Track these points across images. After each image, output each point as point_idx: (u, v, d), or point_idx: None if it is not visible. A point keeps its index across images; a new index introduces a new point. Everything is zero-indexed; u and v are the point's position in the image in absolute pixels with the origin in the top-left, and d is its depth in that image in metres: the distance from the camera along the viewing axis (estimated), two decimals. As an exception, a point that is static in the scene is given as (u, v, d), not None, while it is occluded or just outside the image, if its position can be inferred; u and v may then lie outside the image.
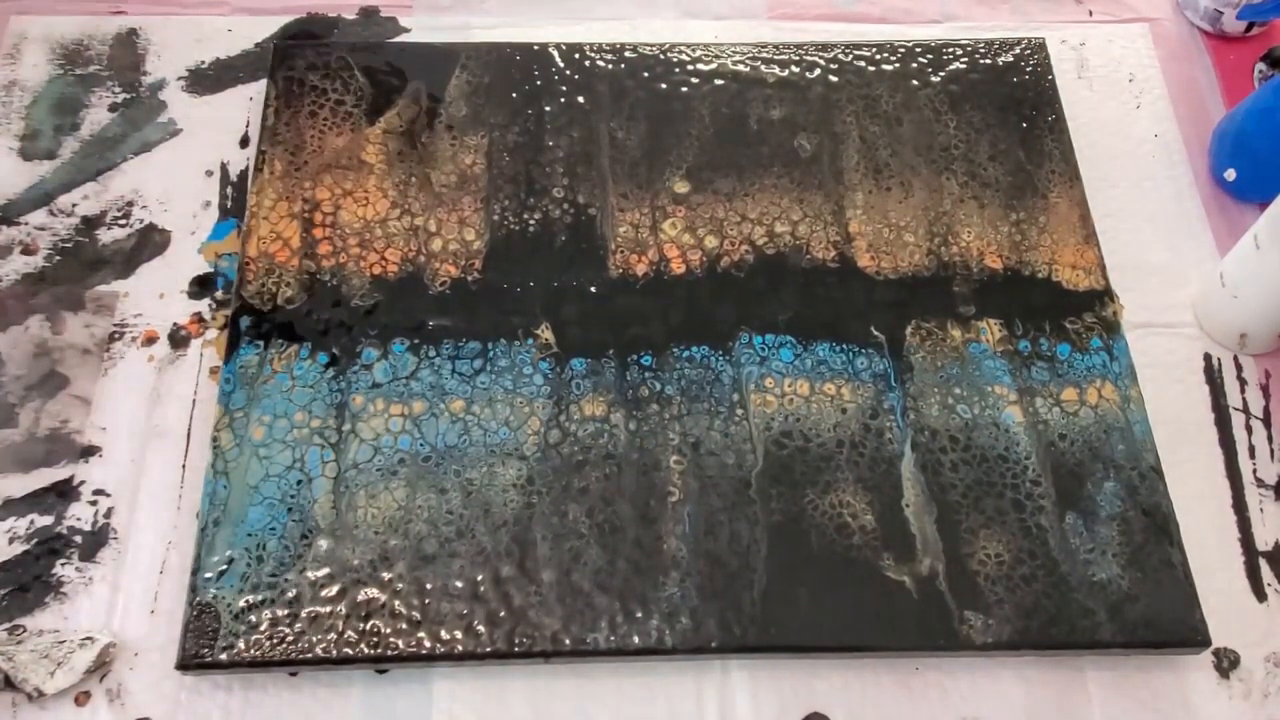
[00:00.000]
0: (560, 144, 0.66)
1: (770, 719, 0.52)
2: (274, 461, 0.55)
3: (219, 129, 0.68)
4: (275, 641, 0.51)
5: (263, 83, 0.69)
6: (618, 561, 0.54)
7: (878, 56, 0.71)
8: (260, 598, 0.52)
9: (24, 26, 0.71)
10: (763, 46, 0.71)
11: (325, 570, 0.53)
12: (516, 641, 0.52)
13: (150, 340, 0.61)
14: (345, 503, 0.55)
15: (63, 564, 0.55)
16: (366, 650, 0.51)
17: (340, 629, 0.51)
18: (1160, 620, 0.53)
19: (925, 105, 0.69)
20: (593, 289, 0.62)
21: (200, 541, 0.53)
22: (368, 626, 0.52)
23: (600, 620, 0.52)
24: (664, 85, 0.69)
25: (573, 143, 0.67)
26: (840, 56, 0.71)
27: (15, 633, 0.52)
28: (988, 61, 0.71)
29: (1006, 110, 0.69)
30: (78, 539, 0.55)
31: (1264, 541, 0.58)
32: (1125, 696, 0.54)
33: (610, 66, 0.70)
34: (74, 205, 0.65)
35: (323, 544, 0.53)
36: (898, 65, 0.71)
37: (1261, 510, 0.59)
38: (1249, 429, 0.61)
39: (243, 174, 0.67)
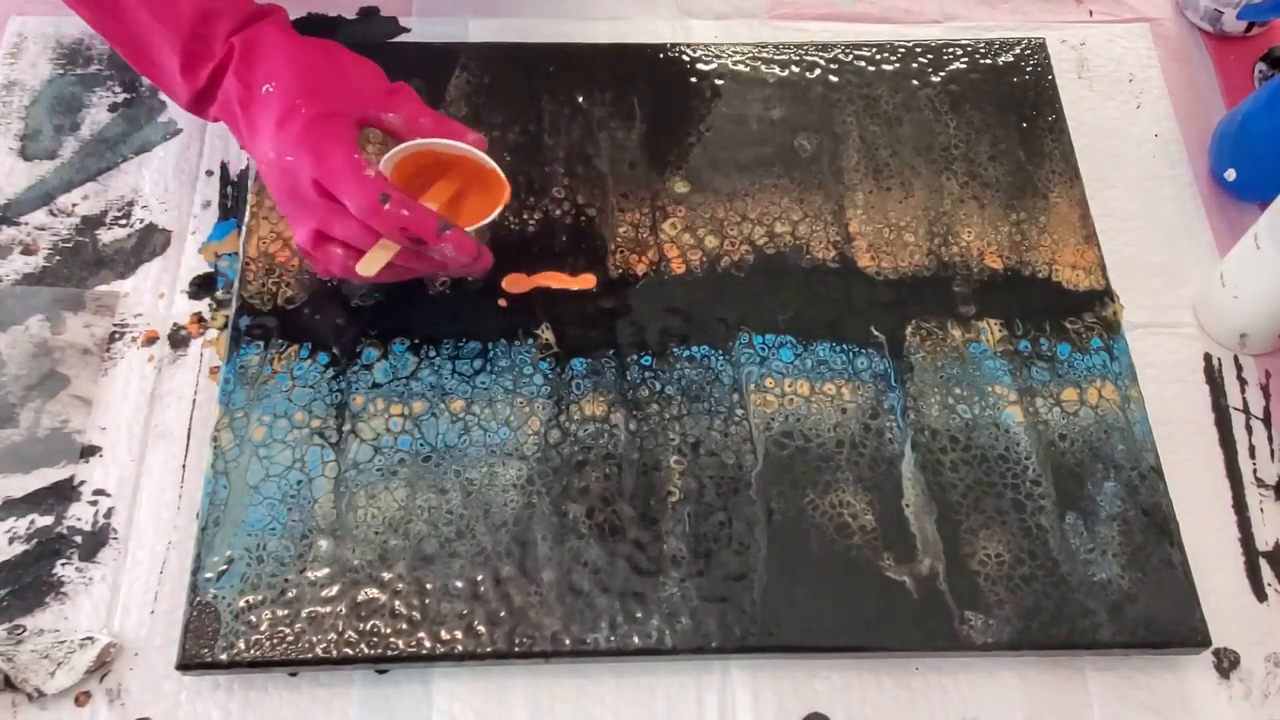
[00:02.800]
0: (560, 144, 0.66)
1: (770, 719, 0.52)
2: (274, 461, 0.55)
3: (219, 129, 0.68)
4: (275, 641, 0.51)
5: (263, 83, 0.68)
6: (618, 561, 0.54)
7: (878, 56, 0.71)
8: (260, 598, 0.52)
9: (24, 26, 0.71)
10: (763, 46, 0.71)
11: (325, 570, 0.53)
12: (516, 641, 0.52)
13: (150, 340, 0.61)
14: (345, 503, 0.55)
15: (63, 564, 0.55)
16: (366, 650, 0.51)
17: (340, 629, 0.51)
18: (1160, 620, 0.53)
19: (925, 105, 0.69)
20: (593, 289, 0.62)
21: (200, 541, 0.53)
22: (368, 626, 0.52)
23: (600, 620, 0.52)
24: (664, 85, 0.69)
25: (573, 143, 0.67)
26: (840, 56, 0.71)
27: (15, 633, 0.52)
28: (988, 61, 0.71)
29: (1006, 110, 0.69)
30: (78, 539, 0.55)
31: (1264, 541, 0.58)
32: (1125, 697, 0.54)
33: (610, 66, 0.70)
34: (74, 205, 0.65)
35: (323, 544, 0.53)
36: (898, 65, 0.71)
37: (1261, 510, 0.59)
38: (1249, 429, 0.61)
39: (243, 174, 0.67)
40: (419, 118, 0.56)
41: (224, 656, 0.51)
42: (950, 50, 0.71)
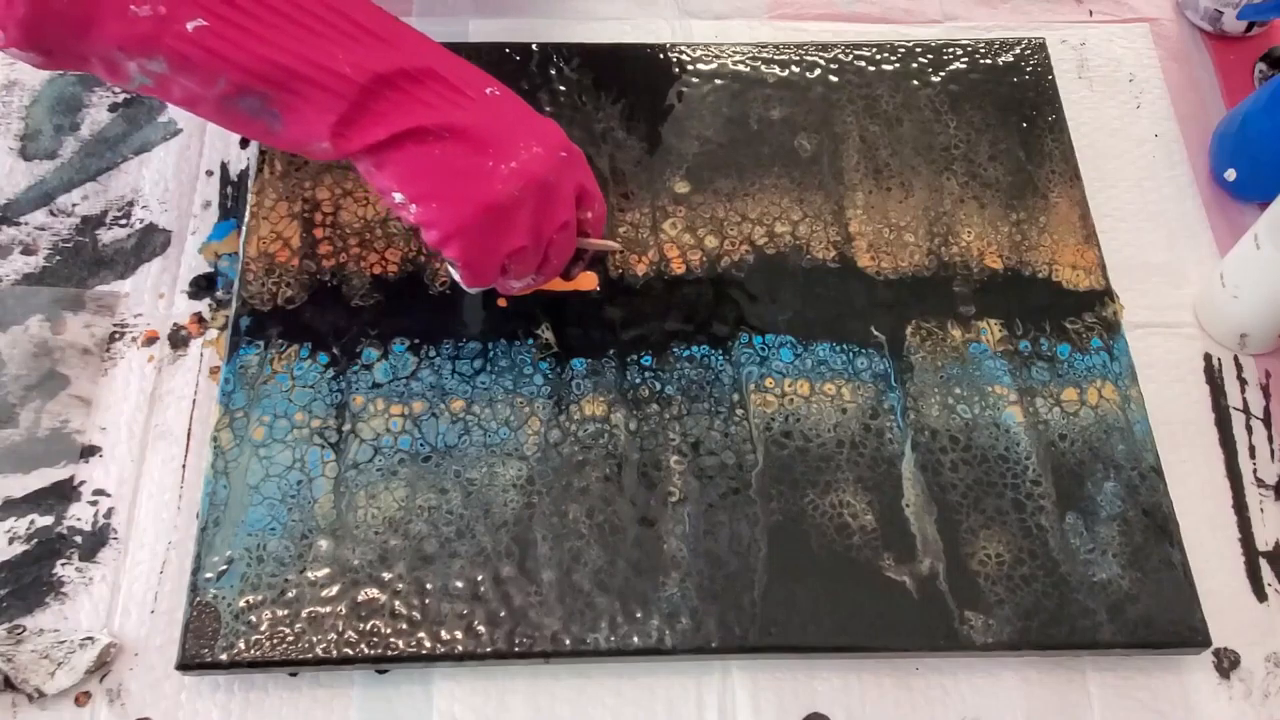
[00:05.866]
0: (560, 144, 0.66)
1: (770, 719, 0.52)
2: (274, 461, 0.55)
3: (219, 129, 0.68)
4: (275, 641, 0.51)
5: (263, 83, 0.68)
6: (618, 561, 0.54)
7: (878, 56, 0.71)
8: (260, 598, 0.52)
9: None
10: (763, 46, 0.71)
11: (325, 570, 0.53)
12: (516, 641, 0.52)
13: (150, 340, 0.61)
14: (345, 503, 0.55)
15: (63, 564, 0.55)
16: (366, 650, 0.51)
17: (340, 629, 0.51)
18: (1160, 620, 0.53)
19: (925, 105, 0.69)
20: (593, 289, 0.62)
21: (200, 541, 0.53)
22: (368, 626, 0.52)
23: (600, 620, 0.52)
24: (664, 85, 0.69)
25: (572, 143, 0.66)
26: (840, 56, 0.71)
27: (15, 633, 0.52)
28: (988, 61, 0.71)
29: (1007, 110, 0.69)
30: (78, 539, 0.55)
31: (1264, 541, 0.58)
32: (1125, 697, 0.54)
33: (611, 66, 0.69)
34: (74, 205, 0.65)
35: (323, 544, 0.53)
36: (898, 65, 0.71)
37: (1261, 510, 0.59)
38: (1249, 429, 0.61)
39: (243, 174, 0.67)
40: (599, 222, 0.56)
41: (224, 656, 0.51)
42: (950, 50, 0.71)
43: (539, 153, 0.50)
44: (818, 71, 0.70)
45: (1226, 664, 0.55)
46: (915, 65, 0.71)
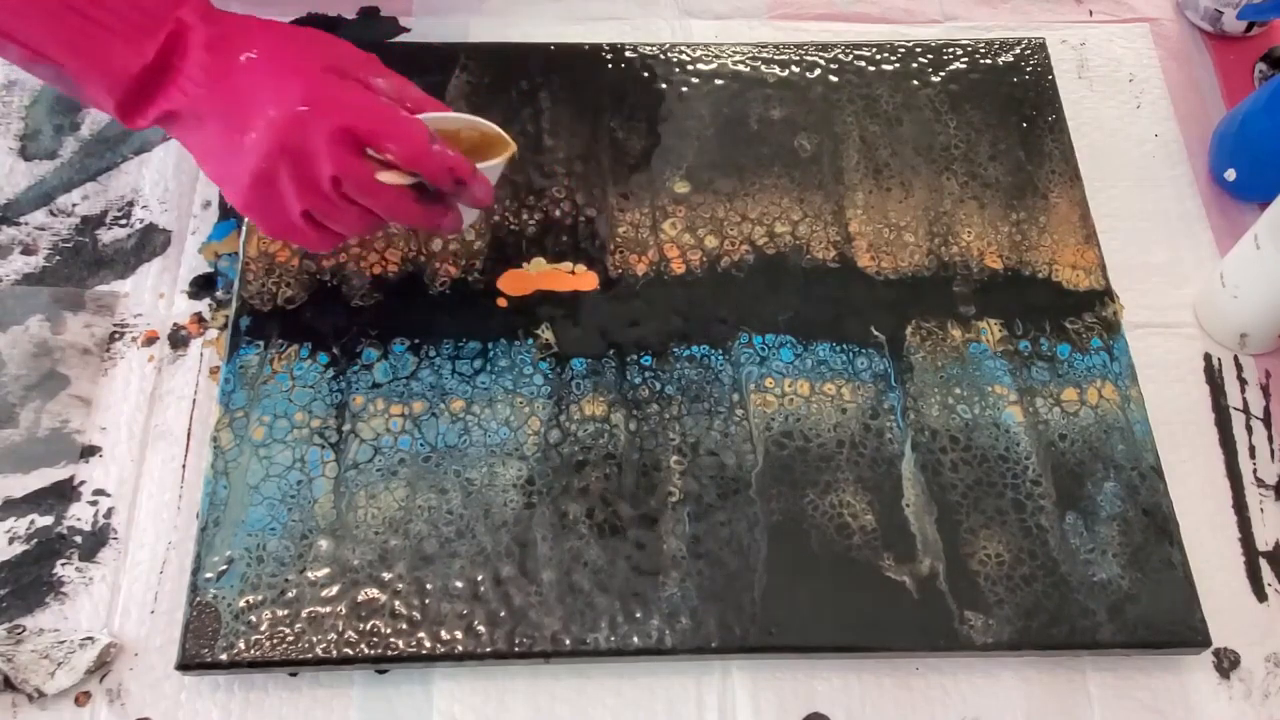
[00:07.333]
0: (560, 144, 0.66)
1: (770, 719, 0.52)
2: (274, 461, 0.55)
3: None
4: (275, 641, 0.51)
5: (263, 83, 0.68)
6: (618, 561, 0.54)
7: (878, 56, 0.71)
8: (260, 598, 0.52)
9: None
10: (763, 46, 0.71)
11: (325, 570, 0.53)
12: (516, 641, 0.52)
13: (150, 340, 0.61)
14: (345, 503, 0.55)
15: (63, 564, 0.55)
16: (366, 650, 0.51)
17: (340, 629, 0.51)
18: (1160, 620, 0.53)
19: (925, 105, 0.69)
20: (593, 289, 0.62)
21: (200, 541, 0.53)
22: (368, 626, 0.52)
23: (600, 620, 0.52)
24: (664, 85, 0.69)
25: (573, 143, 0.67)
26: (840, 56, 0.71)
27: (15, 632, 0.52)
28: (988, 61, 0.71)
29: (1007, 110, 0.69)
30: (78, 539, 0.55)
31: (1264, 541, 0.58)
32: (1125, 697, 0.54)
33: (610, 66, 0.70)
34: (74, 205, 0.65)
35: (323, 544, 0.53)
36: (898, 65, 0.71)
37: (1261, 510, 0.59)
38: (1249, 429, 0.61)
39: (243, 174, 0.67)
40: (406, 87, 0.53)
41: (224, 656, 0.51)
42: (950, 50, 0.71)
43: (273, 116, 0.49)
44: (818, 71, 0.70)
45: (1226, 664, 0.55)
46: (915, 65, 0.71)
